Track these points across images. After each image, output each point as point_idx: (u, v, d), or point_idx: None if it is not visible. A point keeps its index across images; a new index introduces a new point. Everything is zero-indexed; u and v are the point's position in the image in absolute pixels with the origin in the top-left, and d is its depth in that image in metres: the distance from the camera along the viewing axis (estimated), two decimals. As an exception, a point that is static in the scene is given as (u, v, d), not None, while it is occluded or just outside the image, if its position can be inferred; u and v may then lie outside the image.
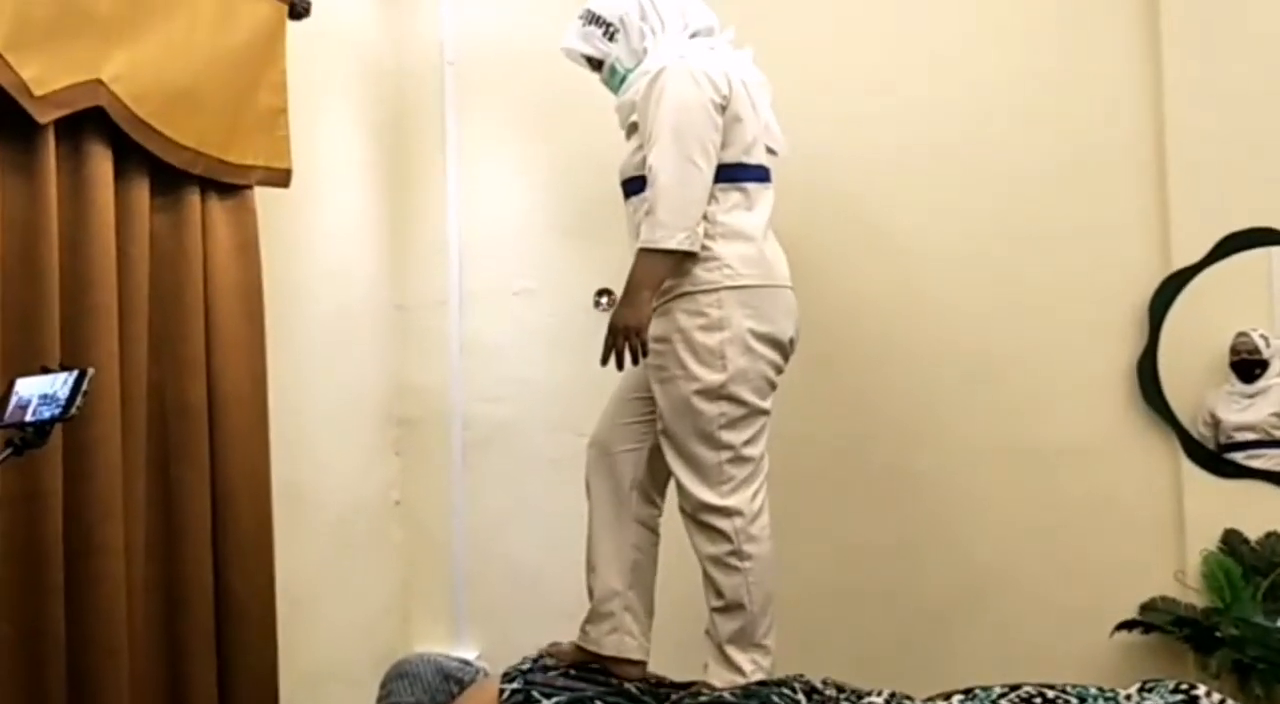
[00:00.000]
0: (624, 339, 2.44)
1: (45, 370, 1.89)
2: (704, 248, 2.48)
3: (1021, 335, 3.06)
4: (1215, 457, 2.92)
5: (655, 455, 2.62)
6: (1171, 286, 2.95)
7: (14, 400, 1.84)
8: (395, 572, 3.45)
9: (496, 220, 3.53)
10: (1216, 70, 2.93)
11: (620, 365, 2.47)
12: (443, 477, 3.50)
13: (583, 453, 2.72)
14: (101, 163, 2.36)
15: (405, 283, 3.55)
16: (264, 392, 2.73)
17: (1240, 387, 2.97)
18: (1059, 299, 3.03)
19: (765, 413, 2.54)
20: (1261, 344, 2.96)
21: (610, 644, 2.57)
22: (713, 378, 2.46)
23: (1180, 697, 2.22)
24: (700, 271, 2.49)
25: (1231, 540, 2.86)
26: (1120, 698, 2.28)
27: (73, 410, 1.80)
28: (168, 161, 2.50)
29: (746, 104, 2.57)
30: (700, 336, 2.47)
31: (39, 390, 1.83)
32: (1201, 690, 2.23)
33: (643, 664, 2.61)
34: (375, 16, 3.49)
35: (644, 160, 2.50)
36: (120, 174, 2.42)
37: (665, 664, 2.69)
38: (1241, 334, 2.97)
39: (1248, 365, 2.96)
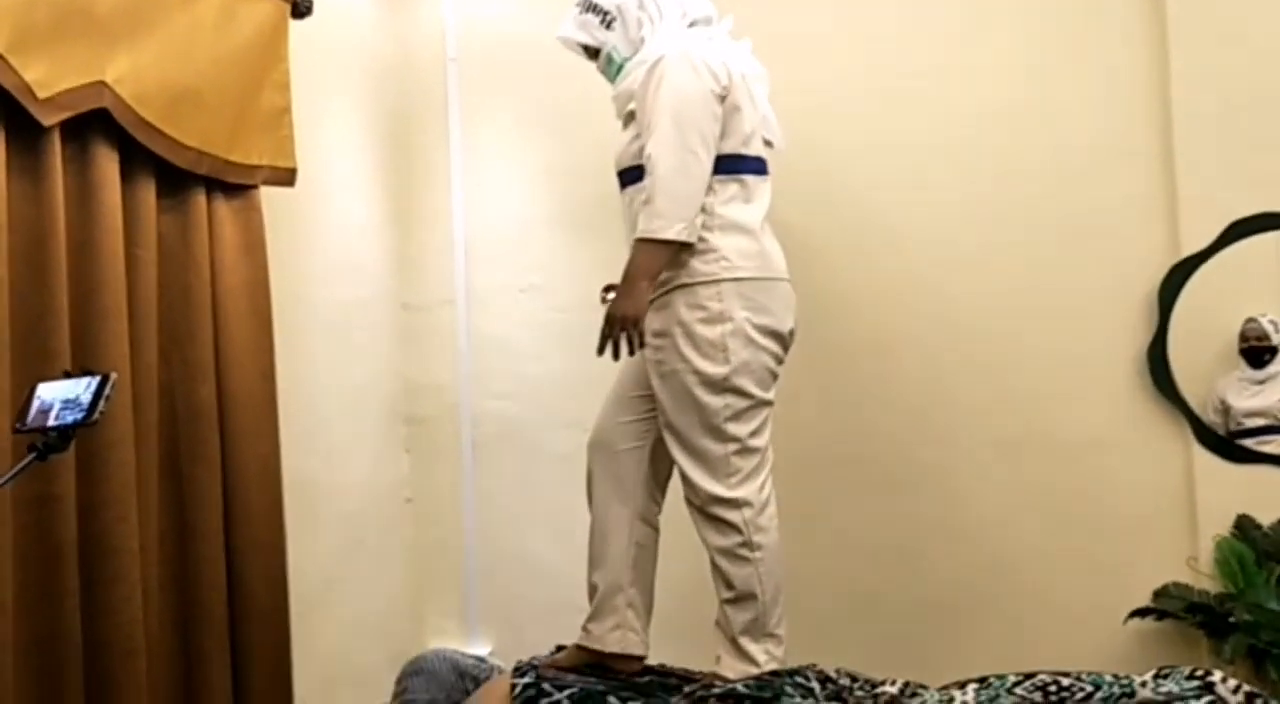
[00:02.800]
0: (620, 329, 2.44)
1: (67, 375, 1.89)
2: (701, 240, 2.47)
3: (1029, 325, 3.05)
4: (1227, 442, 2.91)
5: (657, 452, 2.62)
6: (1180, 273, 2.94)
7: (36, 404, 1.85)
8: (407, 569, 3.45)
9: (502, 217, 3.53)
10: (1223, 56, 2.92)
11: (616, 355, 2.47)
12: (453, 474, 3.50)
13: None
14: (107, 164, 2.36)
15: (412, 281, 3.55)
16: (273, 390, 2.73)
17: (1250, 373, 2.96)
18: (1067, 288, 3.02)
19: (769, 404, 2.55)
20: (1270, 329, 2.95)
21: (614, 641, 2.58)
22: (716, 370, 2.46)
23: (1196, 683, 2.21)
24: (698, 264, 2.49)
25: (1244, 526, 2.85)
26: (1135, 685, 2.28)
27: (96, 415, 1.80)
28: (173, 162, 2.50)
29: (745, 95, 2.57)
30: (701, 329, 2.47)
31: (61, 395, 1.83)
32: (1217, 676, 2.22)
33: (644, 659, 2.63)
34: (377, 14, 3.49)
35: (641, 149, 2.49)
36: (126, 176, 2.42)
37: (666, 656, 2.71)
38: (1250, 320, 2.95)
39: (1257, 351, 2.95)
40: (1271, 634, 2.62)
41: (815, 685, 2.42)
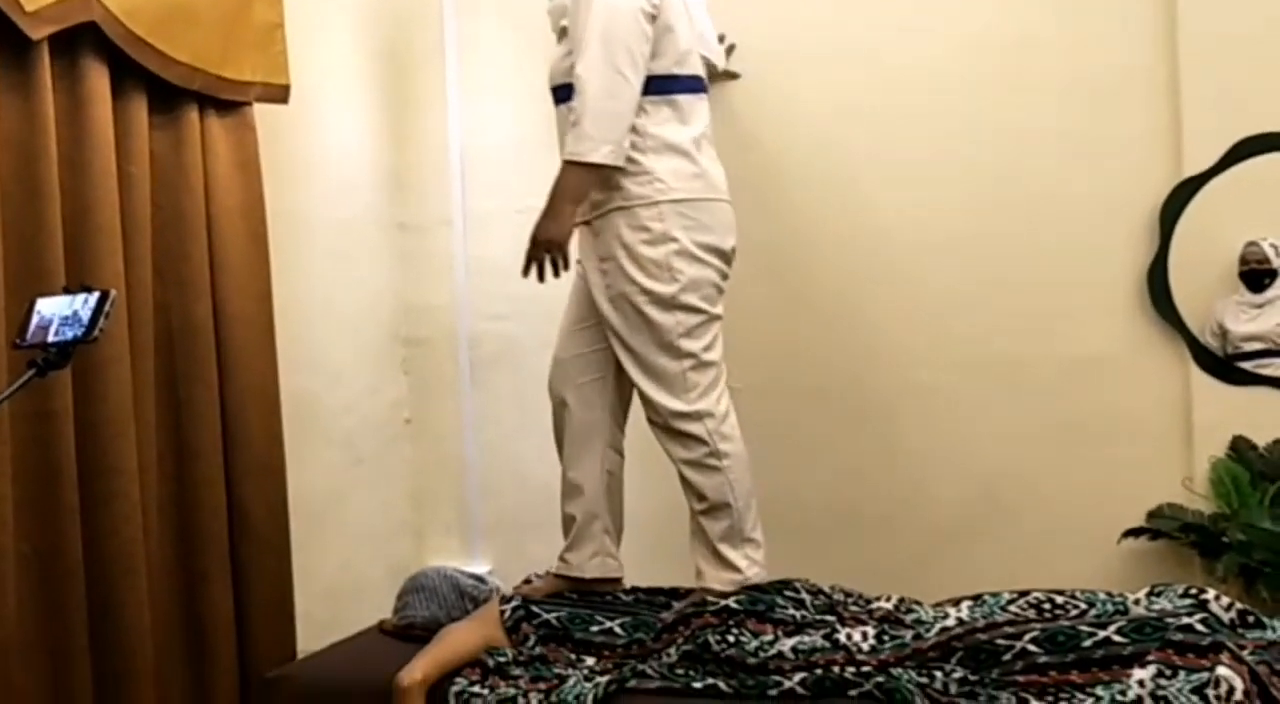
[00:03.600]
0: (544, 251, 2.46)
1: (66, 291, 1.88)
2: (634, 162, 2.47)
3: (1029, 244, 3.02)
4: (1224, 364, 2.91)
5: (618, 379, 2.63)
6: (1182, 194, 2.90)
7: (35, 320, 1.83)
8: (407, 488, 3.47)
9: (500, 137, 3.48)
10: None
11: (541, 277, 2.49)
12: (452, 395, 3.51)
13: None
14: (98, 80, 2.33)
15: (408, 201, 3.51)
16: (269, 310, 2.72)
17: (1249, 297, 2.94)
18: (1069, 207, 2.99)
19: (718, 318, 2.57)
20: (1271, 253, 2.93)
21: (594, 567, 2.63)
22: (664, 289, 2.48)
23: (1189, 600, 2.24)
24: (633, 186, 2.49)
25: (1240, 447, 2.85)
26: (1129, 602, 2.31)
27: (96, 332, 1.79)
28: (164, 78, 2.47)
29: (679, 13, 2.54)
30: (645, 250, 2.48)
31: (60, 311, 1.82)
32: (1211, 594, 2.25)
33: (620, 581, 2.68)
34: (371, -73, 3.42)
35: (572, 67, 2.46)
36: (117, 92, 2.39)
37: (647, 578, 2.76)
38: (1251, 243, 2.93)
39: (1257, 275, 2.93)
40: (1264, 553, 2.64)
41: (806, 597, 2.45)
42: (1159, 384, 2.96)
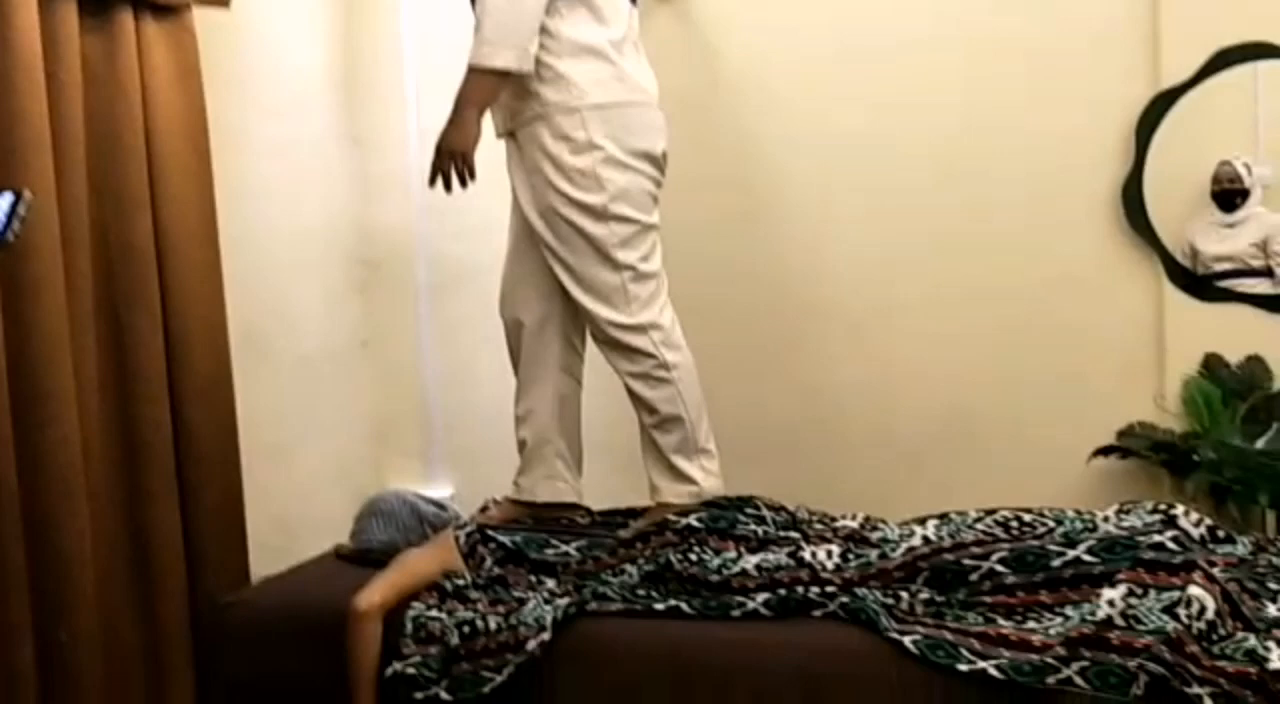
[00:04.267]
0: (448, 161, 2.39)
1: None
2: (547, 66, 2.38)
3: (1001, 158, 2.94)
4: (1199, 281, 2.86)
5: (566, 299, 2.55)
6: (1160, 106, 2.83)
7: None
8: (365, 413, 3.39)
9: (457, 51, 3.33)
10: None
11: (448, 187, 2.42)
12: (410, 318, 3.42)
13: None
14: (21, -21, 2.19)
15: (361, 115, 3.37)
16: (214, 229, 2.61)
17: (1220, 217, 2.89)
18: (1041, 120, 2.90)
19: (654, 228, 2.50)
20: (1244, 173, 2.87)
21: (545, 491, 2.58)
22: (593, 199, 2.39)
23: (1159, 516, 2.20)
24: (550, 93, 2.39)
25: (1212, 365, 2.81)
26: (1098, 520, 2.27)
27: (9, 234, 1.70)
28: (93, -22, 2.32)
29: None
30: (570, 159, 2.39)
31: None
32: (1179, 510, 2.21)
33: (577, 508, 2.62)
34: None
35: None
36: (43, -8, 2.25)
37: (604, 500, 2.70)
38: (1224, 162, 2.87)
39: (1229, 195, 2.88)
40: (1234, 471, 2.61)
41: (768, 514, 2.41)
42: (1131, 302, 2.91)
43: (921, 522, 2.38)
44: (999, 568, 2.06)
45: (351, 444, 3.32)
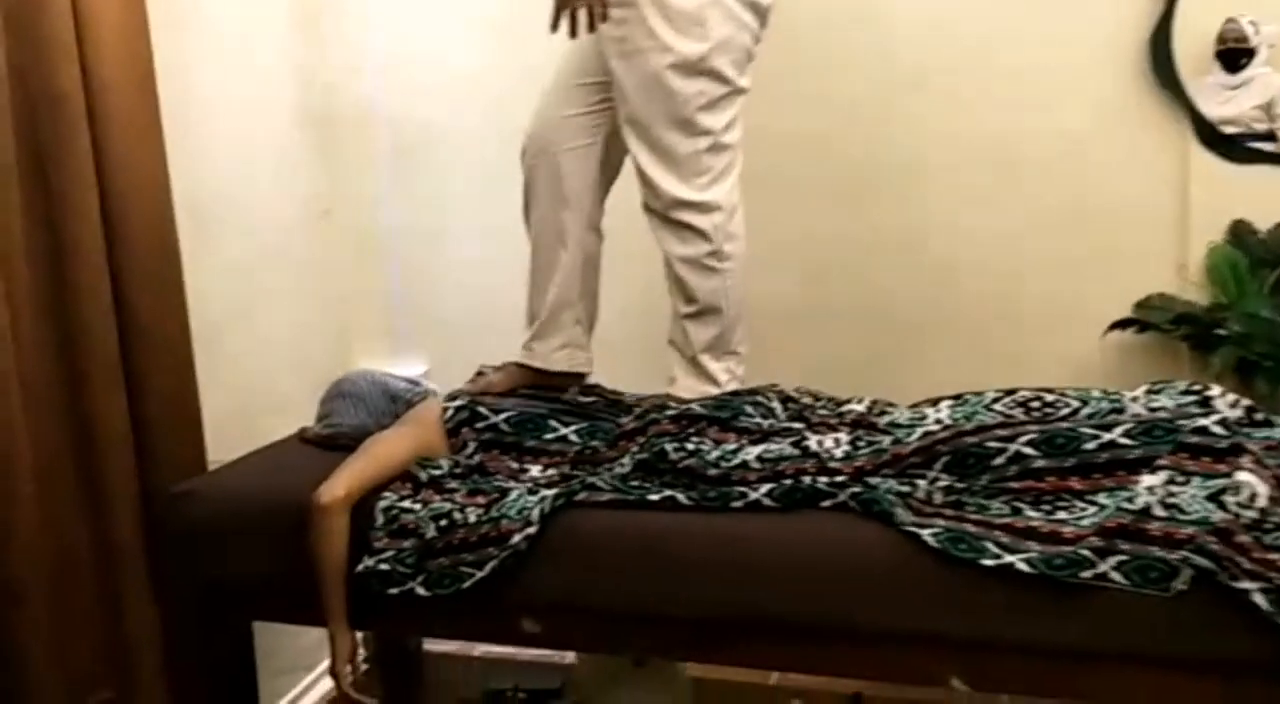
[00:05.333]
0: (581, 1, 2.07)
1: None
2: None
3: (1016, 7, 2.70)
4: (1227, 140, 2.65)
5: (608, 150, 2.30)
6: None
7: None
8: (327, 287, 3.15)
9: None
10: None
11: (573, 33, 2.10)
12: (372, 184, 3.17)
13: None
14: None
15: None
16: (151, 82, 2.32)
17: (1224, 78, 2.69)
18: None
19: (743, 93, 2.22)
20: (1250, 31, 2.68)
21: (561, 359, 2.36)
22: (691, 49, 2.11)
23: (1193, 396, 2.02)
24: None
25: (1239, 232, 2.63)
26: (1125, 400, 2.09)
27: None
28: None
29: None
30: (675, 0, 2.10)
31: None
32: (1215, 390, 2.03)
33: (586, 377, 2.42)
34: None
35: None
36: None
37: (609, 379, 2.48)
38: (1230, 20, 2.67)
39: (1234, 54, 2.67)
40: (1264, 345, 2.45)
41: (776, 405, 2.22)
42: (1154, 163, 2.71)
43: (934, 403, 2.21)
44: (1026, 451, 1.87)
45: (313, 321, 3.09)
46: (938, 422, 2.10)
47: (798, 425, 2.14)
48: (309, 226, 3.09)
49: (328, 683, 2.95)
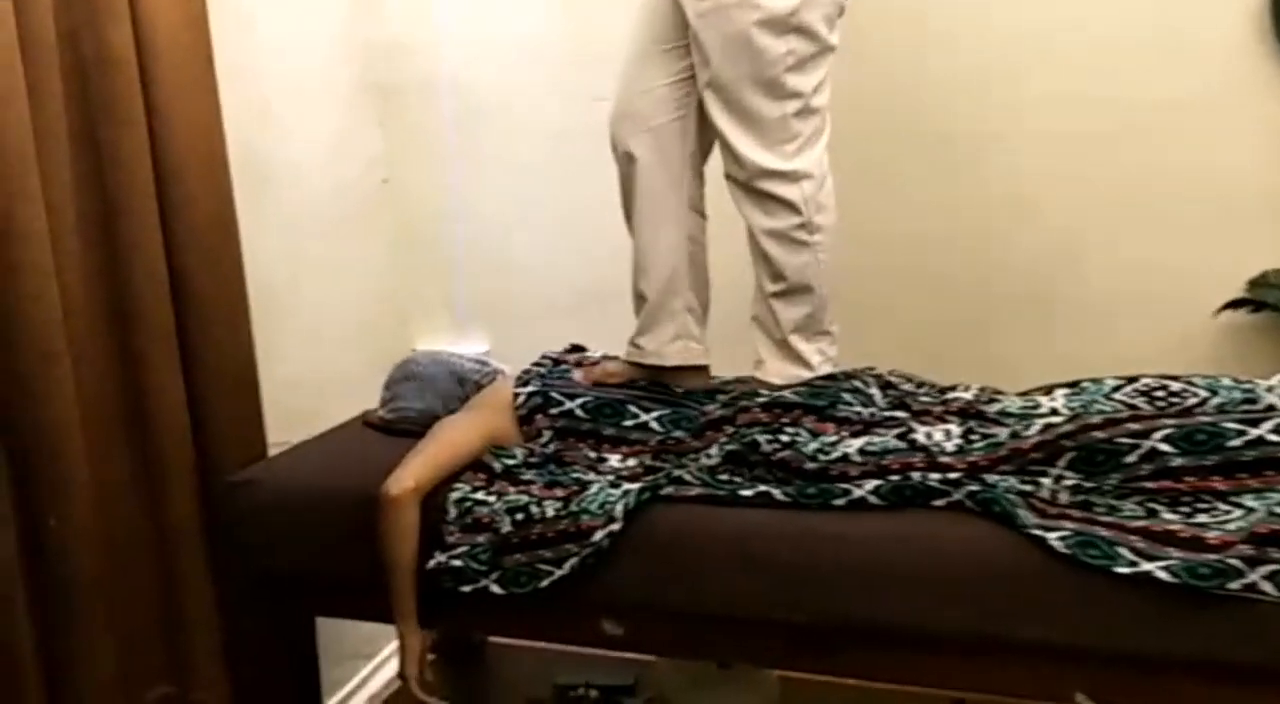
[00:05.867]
0: None
1: None
2: None
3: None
4: (1358, 106, 2.44)
5: (701, 118, 2.14)
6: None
7: None
8: (387, 260, 3.03)
9: None
10: None
11: None
12: (435, 152, 3.02)
13: (597, 119, 2.23)
14: None
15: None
16: (206, 44, 2.19)
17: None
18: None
19: (833, 50, 2.05)
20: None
21: (675, 353, 2.19)
22: (780, 3, 1.93)
23: (1339, 388, 1.84)
24: None
25: (1368, 205, 2.43)
26: (1260, 390, 1.90)
27: None
28: None
29: None
30: None
31: None
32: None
33: (707, 370, 2.24)
34: None
35: None
36: None
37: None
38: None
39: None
40: (1401, 329, 2.25)
41: (875, 391, 2.06)
42: (1272, 130, 2.49)
43: (1047, 391, 2.03)
44: (1163, 447, 1.70)
45: (372, 296, 2.97)
46: (1054, 412, 1.93)
47: (900, 414, 1.98)
48: (368, 196, 2.95)
49: (388, 671, 2.85)
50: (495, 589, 1.85)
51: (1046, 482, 1.74)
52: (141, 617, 2.09)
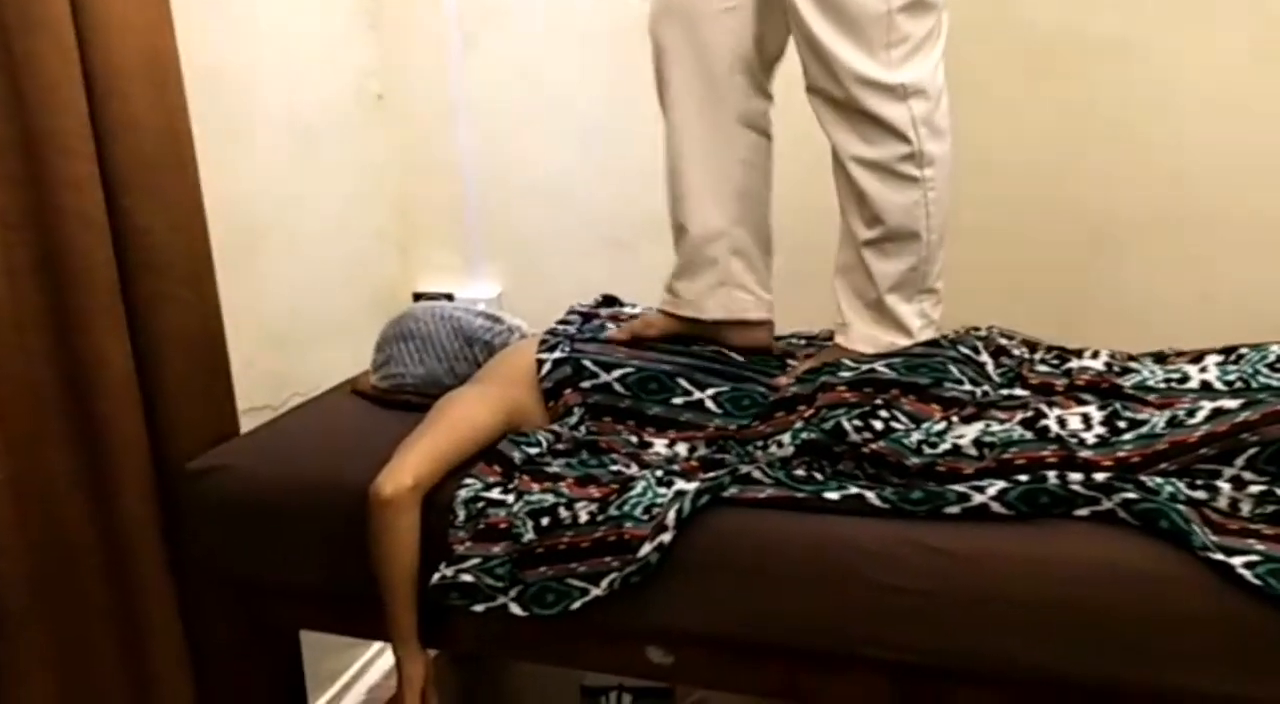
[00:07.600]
0: None
1: None
2: None
3: None
4: None
5: (766, 14, 1.71)
6: None
7: None
8: (383, 187, 2.62)
9: None
10: None
11: None
12: (437, 62, 2.60)
13: (632, 21, 1.83)
14: None
15: None
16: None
17: None
18: None
19: None
20: None
21: (715, 305, 1.78)
22: None
23: None
24: None
25: None
26: None
27: None
28: None
29: None
30: None
31: None
32: None
33: (767, 325, 1.84)
34: None
35: None
36: None
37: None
38: None
39: None
40: None
41: (986, 359, 1.67)
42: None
43: (1196, 359, 1.65)
44: (1379, 447, 1.32)
45: (367, 231, 2.57)
46: (1205, 387, 1.55)
47: (1021, 393, 1.59)
48: (360, 114, 2.54)
49: (370, 678, 2.55)
50: (515, 610, 1.49)
51: (1224, 487, 1.35)
52: (91, 646, 1.73)
